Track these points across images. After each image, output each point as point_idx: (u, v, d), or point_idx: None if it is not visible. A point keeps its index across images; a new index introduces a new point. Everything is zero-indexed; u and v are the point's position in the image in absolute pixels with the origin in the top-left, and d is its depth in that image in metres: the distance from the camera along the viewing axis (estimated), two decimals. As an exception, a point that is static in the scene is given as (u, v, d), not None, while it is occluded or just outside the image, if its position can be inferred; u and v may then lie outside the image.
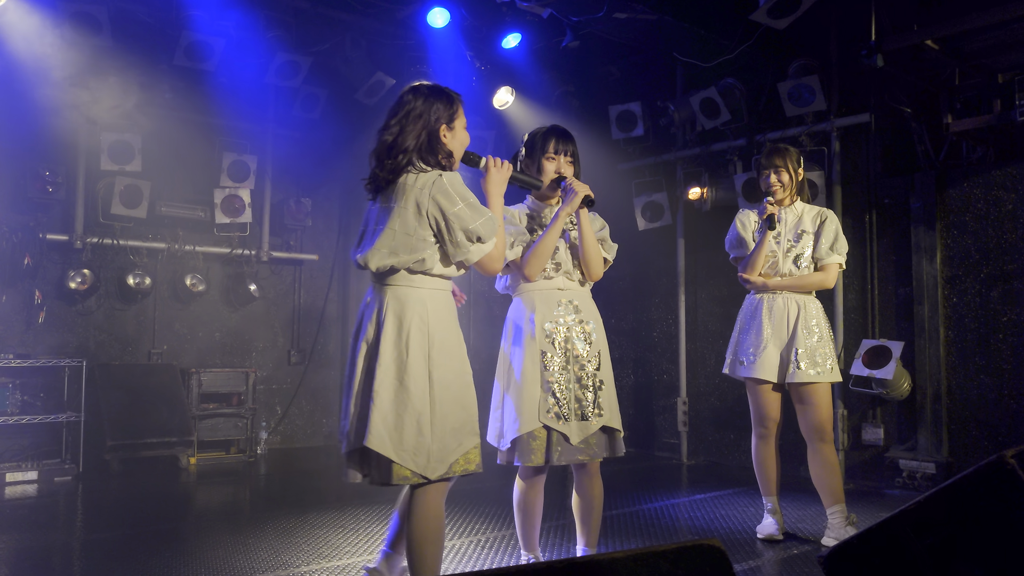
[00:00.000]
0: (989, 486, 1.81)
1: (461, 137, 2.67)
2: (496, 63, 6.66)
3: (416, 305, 2.51)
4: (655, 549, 1.52)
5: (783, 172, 3.93)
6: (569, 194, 2.99)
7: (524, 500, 3.09)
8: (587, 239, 3.05)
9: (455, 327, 2.60)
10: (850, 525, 3.74)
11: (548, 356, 2.96)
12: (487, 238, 2.53)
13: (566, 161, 3.10)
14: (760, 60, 6.12)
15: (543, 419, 2.90)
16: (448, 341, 2.54)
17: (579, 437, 2.92)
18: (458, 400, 2.51)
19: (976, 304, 5.19)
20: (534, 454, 2.90)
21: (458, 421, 2.49)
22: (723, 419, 6.49)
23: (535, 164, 3.12)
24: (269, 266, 7.47)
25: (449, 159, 2.62)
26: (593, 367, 3.00)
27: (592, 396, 2.96)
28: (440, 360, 2.48)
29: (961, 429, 5.19)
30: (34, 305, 6.18)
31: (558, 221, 3.00)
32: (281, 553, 3.72)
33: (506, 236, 2.95)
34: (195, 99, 6.68)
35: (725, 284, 6.36)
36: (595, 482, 3.06)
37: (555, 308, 3.02)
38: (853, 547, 1.98)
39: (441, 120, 2.59)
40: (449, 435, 2.46)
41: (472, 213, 2.50)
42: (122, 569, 3.46)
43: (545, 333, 2.98)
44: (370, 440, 2.39)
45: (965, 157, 5.40)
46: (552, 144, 3.09)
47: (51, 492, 5.28)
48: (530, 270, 2.99)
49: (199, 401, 6.49)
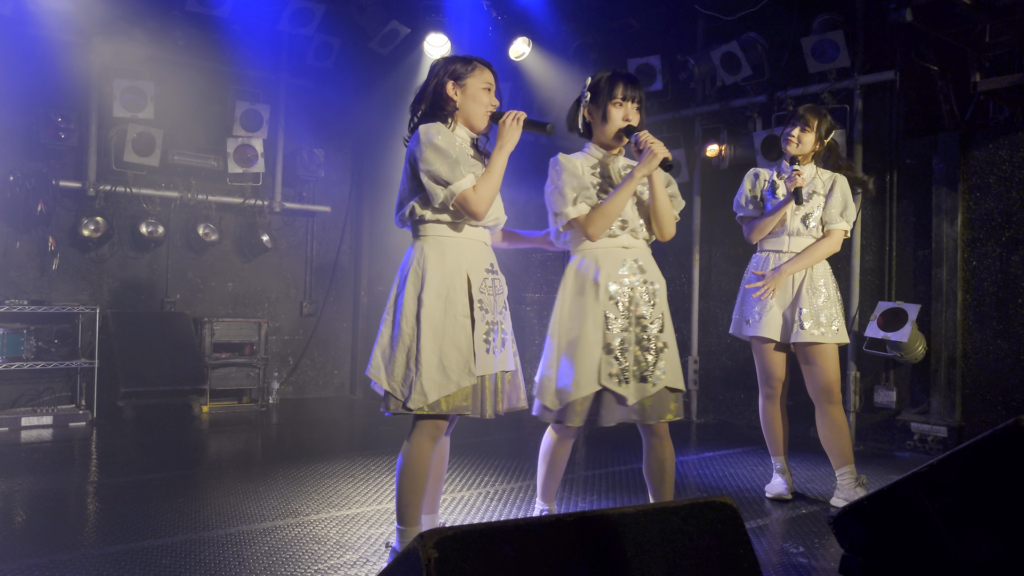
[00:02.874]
0: (1005, 450, 1.78)
1: (476, 96, 2.73)
2: (513, 13, 6.53)
3: (417, 252, 2.69)
4: (666, 504, 1.51)
5: (808, 131, 3.82)
6: (646, 154, 2.81)
7: (553, 453, 3.03)
8: (660, 199, 2.90)
9: (456, 272, 2.64)
10: (860, 487, 3.74)
11: (612, 318, 2.85)
12: (452, 179, 2.57)
13: (634, 108, 2.91)
14: (783, 14, 5.97)
15: (603, 381, 2.81)
16: (443, 283, 2.63)
17: (636, 398, 2.83)
18: (450, 340, 2.60)
19: (996, 268, 5.11)
20: (578, 416, 2.84)
21: (448, 360, 2.59)
22: (733, 378, 6.47)
23: (600, 110, 2.92)
24: (282, 217, 7.45)
25: (455, 115, 2.74)
26: (656, 329, 2.88)
27: (653, 358, 2.85)
28: (430, 301, 2.60)
29: (975, 393, 5.16)
30: (48, 252, 6.20)
31: (631, 182, 2.83)
32: (291, 501, 3.75)
33: (568, 191, 2.85)
34: (208, 46, 6.61)
35: (740, 243, 6.29)
36: (665, 444, 2.92)
37: (620, 268, 2.89)
38: (863, 508, 1.97)
39: (448, 76, 2.73)
40: (436, 371, 2.58)
41: (433, 156, 2.57)
42: (135, 513, 3.51)
43: (610, 294, 2.86)
44: (369, 369, 2.69)
45: (992, 118, 5.27)
46: (620, 89, 2.89)
47: (65, 437, 5.35)
48: (595, 230, 2.84)
49: (212, 350, 6.53)
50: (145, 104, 6.29)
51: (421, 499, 2.68)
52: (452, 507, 3.74)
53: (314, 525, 3.37)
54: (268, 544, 3.10)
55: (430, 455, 2.67)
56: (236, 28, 6.38)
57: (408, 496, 2.65)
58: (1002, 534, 1.77)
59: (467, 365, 2.61)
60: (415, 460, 2.65)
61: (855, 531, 1.96)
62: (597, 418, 2.85)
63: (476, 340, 2.63)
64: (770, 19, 5.98)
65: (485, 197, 2.62)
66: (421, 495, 2.67)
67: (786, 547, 3.22)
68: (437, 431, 2.67)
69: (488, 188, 2.63)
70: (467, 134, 2.78)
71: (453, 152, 2.60)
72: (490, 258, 2.79)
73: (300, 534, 3.24)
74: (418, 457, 2.65)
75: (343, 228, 7.83)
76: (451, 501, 3.85)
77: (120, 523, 3.36)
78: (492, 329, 2.70)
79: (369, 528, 3.35)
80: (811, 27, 5.79)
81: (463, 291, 2.64)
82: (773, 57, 6.08)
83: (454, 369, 2.60)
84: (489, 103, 2.75)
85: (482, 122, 2.76)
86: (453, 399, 2.60)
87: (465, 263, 2.67)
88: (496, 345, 2.70)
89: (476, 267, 2.69)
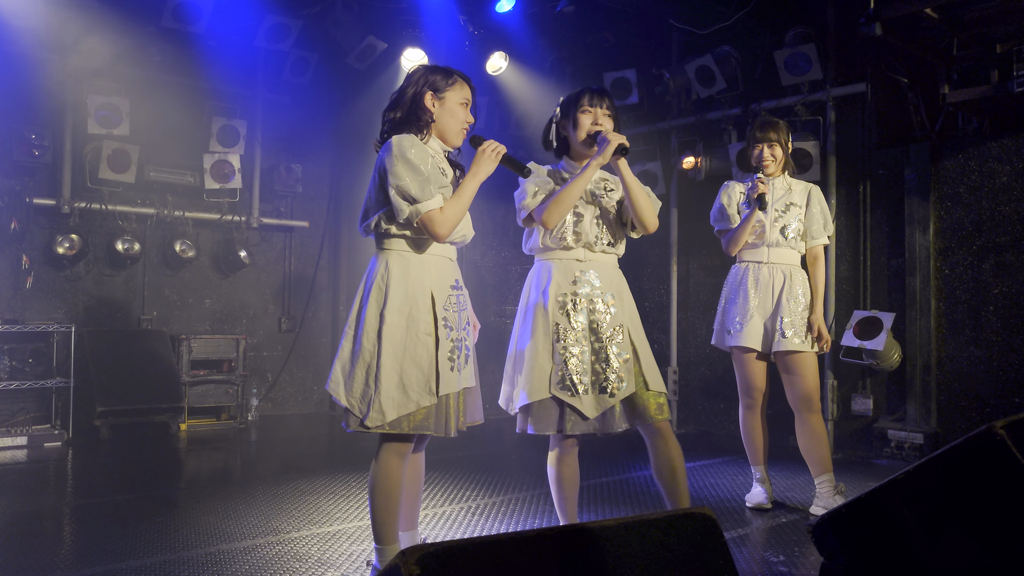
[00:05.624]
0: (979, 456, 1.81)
1: (454, 111, 2.70)
2: (490, 28, 6.57)
3: (379, 266, 2.65)
4: (646, 517, 1.52)
5: (776, 146, 3.90)
6: (602, 144, 2.82)
7: (555, 471, 3.02)
8: (632, 188, 2.87)
9: (419, 290, 2.61)
10: (838, 494, 3.77)
11: (561, 328, 2.86)
12: (421, 198, 2.53)
13: (603, 114, 2.94)
14: (757, 28, 6.05)
15: (553, 391, 2.83)
16: (405, 300, 2.59)
17: (595, 411, 2.83)
18: (411, 358, 2.56)
19: (967, 276, 5.19)
20: (545, 423, 2.85)
21: (409, 378, 2.55)
22: (713, 388, 6.51)
23: (570, 121, 2.97)
24: (259, 232, 7.42)
25: (430, 127, 2.70)
26: (616, 339, 2.88)
27: (612, 368, 2.84)
28: (392, 318, 2.56)
29: (950, 400, 5.22)
30: (21, 270, 6.12)
31: (588, 170, 2.83)
32: (272, 519, 3.72)
33: (530, 187, 2.89)
34: (184, 62, 6.57)
35: (717, 254, 6.34)
36: (670, 444, 2.87)
37: (571, 279, 2.91)
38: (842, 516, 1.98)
39: (428, 87, 2.68)
40: (396, 389, 2.54)
41: (405, 171, 2.54)
42: (112, 534, 3.46)
43: (559, 304, 2.89)
44: (329, 384, 2.65)
45: (961, 128, 5.37)
46: (586, 98, 2.95)
47: (41, 458, 5.27)
48: (547, 217, 2.83)
49: (189, 368, 6.47)
50: (120, 120, 6.24)
51: (396, 517, 2.66)
52: (434, 522, 3.73)
53: (295, 543, 3.35)
54: (249, 563, 3.07)
55: (399, 473, 2.64)
56: (212, 44, 6.36)
57: (382, 515, 2.63)
58: (978, 540, 1.79)
59: (427, 384, 2.57)
60: (384, 479, 2.62)
61: (834, 539, 1.98)
62: (562, 425, 2.85)
63: (440, 359, 2.59)
64: (743, 33, 6.06)
65: (450, 220, 2.58)
66: (395, 513, 2.65)
67: (767, 556, 3.23)
68: (403, 449, 2.64)
69: (455, 212, 2.60)
70: (440, 147, 2.75)
71: (425, 169, 2.57)
72: (455, 274, 2.75)
73: (281, 552, 3.21)
74: (387, 476, 2.61)
75: (321, 243, 7.80)
76: (433, 516, 3.84)
77: (97, 545, 3.31)
78: (457, 347, 2.66)
79: (351, 545, 3.33)
80: (784, 40, 5.87)
81: (427, 309, 2.61)
82: (747, 70, 6.16)
83: (414, 388, 2.56)
84: (465, 119, 2.73)
85: (457, 138, 2.75)
86: (414, 418, 2.57)
87: (429, 280, 2.64)
88: (460, 362, 2.67)
89: (441, 284, 2.66)
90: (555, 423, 2.85)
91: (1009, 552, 1.73)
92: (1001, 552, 1.74)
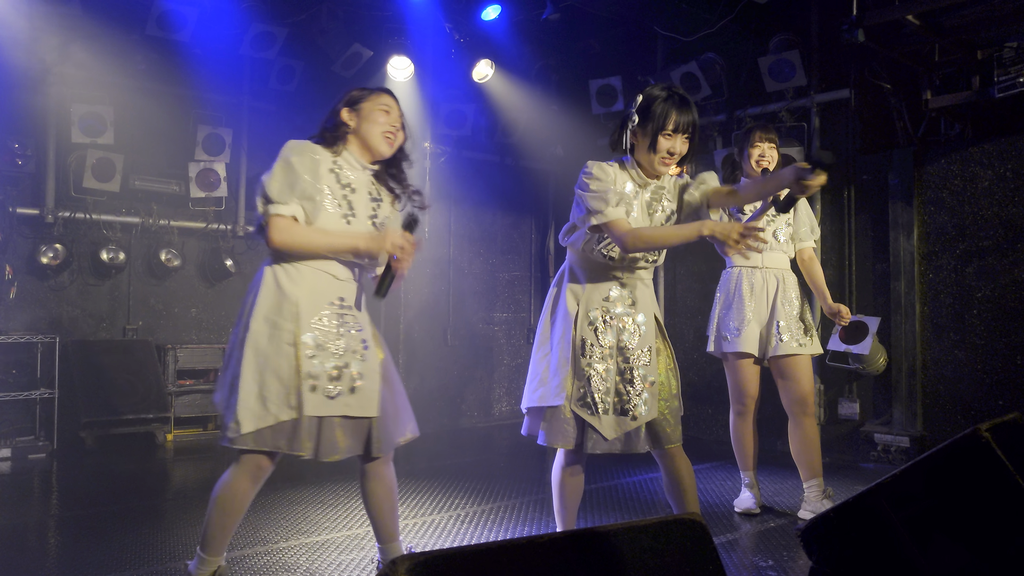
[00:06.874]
0: (965, 459, 1.82)
1: (371, 116, 2.65)
2: (475, 36, 6.57)
3: (260, 274, 2.60)
4: (636, 523, 1.52)
5: (775, 148, 3.95)
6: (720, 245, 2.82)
7: (559, 481, 2.93)
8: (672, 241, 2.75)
9: (285, 300, 2.49)
10: (826, 498, 3.79)
11: (588, 344, 2.76)
12: (275, 200, 2.50)
13: (683, 139, 2.77)
14: (741, 34, 6.09)
15: (573, 407, 2.74)
16: (271, 310, 2.49)
17: (614, 432, 2.73)
18: (273, 369, 2.45)
19: (951, 280, 5.24)
20: (564, 437, 2.75)
21: (269, 390, 2.44)
22: (700, 394, 6.53)
23: (648, 138, 2.77)
24: (245, 241, 7.38)
25: (346, 138, 2.67)
26: (643, 361, 2.78)
27: (636, 391, 2.75)
28: (256, 326, 2.48)
29: (935, 404, 5.26)
30: (4, 280, 6.07)
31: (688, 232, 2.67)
32: (260, 529, 3.70)
33: (611, 196, 2.70)
34: (168, 71, 6.54)
35: (704, 260, 6.37)
36: (679, 460, 2.81)
37: (606, 295, 2.81)
38: (830, 520, 1.99)
39: (344, 103, 2.69)
40: (255, 401, 2.44)
41: (279, 171, 2.53)
42: (98, 546, 3.43)
43: (589, 320, 2.78)
44: (215, 396, 2.61)
45: (943, 134, 5.42)
46: (672, 120, 2.73)
47: (25, 469, 5.22)
48: (632, 244, 2.65)
49: (175, 377, 6.43)
50: (105, 129, 6.20)
51: (229, 534, 2.57)
52: (422, 531, 3.72)
53: (283, 553, 3.33)
54: (237, 574, 3.04)
55: (247, 494, 2.52)
56: (197, 52, 6.33)
57: (216, 529, 2.52)
58: (965, 543, 1.80)
59: (287, 398, 2.43)
60: (229, 495, 2.50)
61: (822, 543, 1.99)
62: (583, 443, 2.75)
63: (302, 375, 2.45)
64: (728, 40, 6.10)
65: (294, 239, 2.48)
66: (230, 531, 2.55)
67: (756, 561, 3.24)
68: (259, 470, 2.51)
69: (304, 239, 2.50)
70: (357, 161, 2.66)
71: (301, 175, 2.51)
72: (340, 292, 2.58)
73: (269, 562, 3.19)
74: (232, 493, 2.51)
75: (308, 251, 7.77)
76: (421, 525, 3.82)
77: (83, 557, 3.28)
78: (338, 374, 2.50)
79: (339, 555, 3.31)
80: (768, 47, 5.92)
81: (292, 319, 2.47)
82: (731, 77, 6.20)
83: (273, 400, 2.43)
84: (388, 123, 2.65)
85: (382, 145, 2.65)
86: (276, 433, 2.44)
87: (300, 291, 2.51)
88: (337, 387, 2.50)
89: (315, 298, 2.52)
90: (572, 439, 2.76)
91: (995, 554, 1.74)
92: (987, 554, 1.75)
